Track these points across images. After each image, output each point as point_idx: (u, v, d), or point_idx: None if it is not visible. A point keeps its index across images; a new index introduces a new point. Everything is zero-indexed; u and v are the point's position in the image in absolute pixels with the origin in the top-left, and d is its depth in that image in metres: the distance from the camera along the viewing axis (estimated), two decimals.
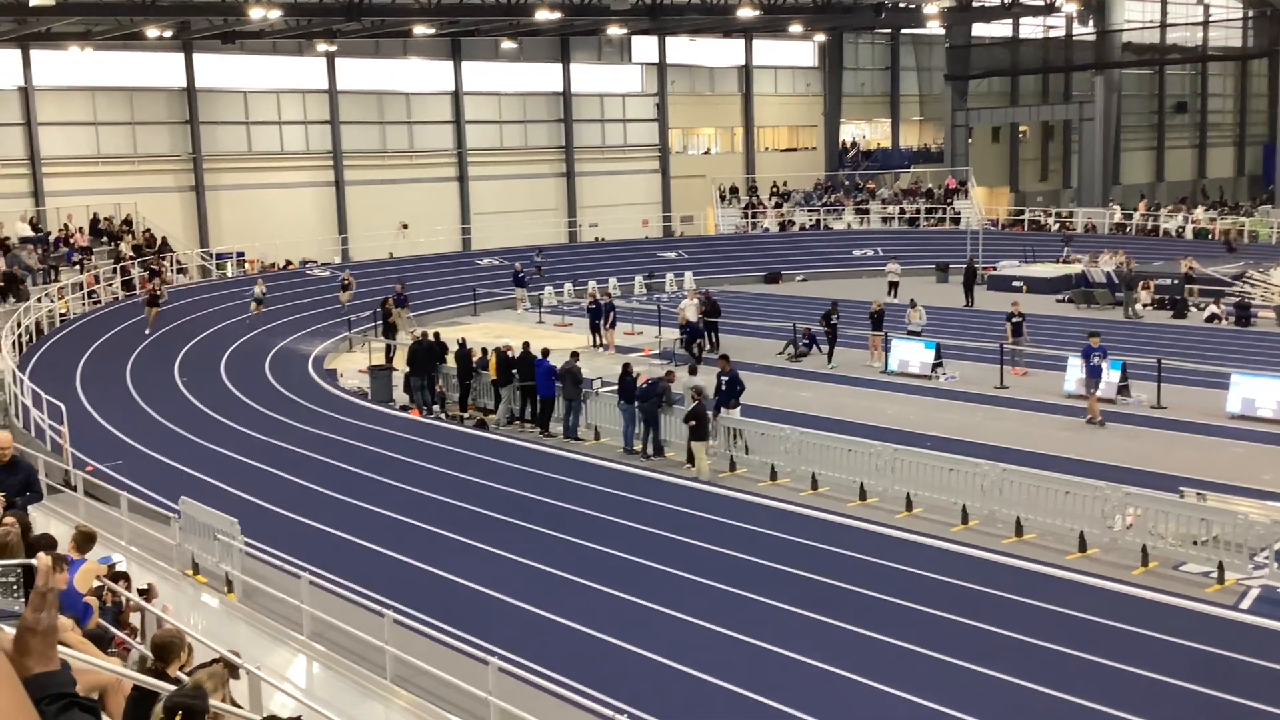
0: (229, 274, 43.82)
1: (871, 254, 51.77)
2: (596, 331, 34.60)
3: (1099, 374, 24.15)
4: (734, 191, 59.63)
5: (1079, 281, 42.82)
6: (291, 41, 46.94)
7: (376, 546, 16.96)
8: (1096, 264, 43.88)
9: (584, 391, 24.50)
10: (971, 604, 14.24)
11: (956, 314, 38.51)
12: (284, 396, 27.79)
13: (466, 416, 26.54)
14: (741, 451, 21.58)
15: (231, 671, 9.25)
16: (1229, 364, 27.49)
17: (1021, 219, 59.49)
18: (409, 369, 27.55)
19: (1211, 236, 52.97)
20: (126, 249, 41.04)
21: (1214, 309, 37.14)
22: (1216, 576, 15.26)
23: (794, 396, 27.32)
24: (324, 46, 47.06)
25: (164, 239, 43.15)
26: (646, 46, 57.72)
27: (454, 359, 27.61)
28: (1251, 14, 76.13)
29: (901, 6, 57.14)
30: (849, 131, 67.16)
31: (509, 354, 25.92)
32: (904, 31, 66.33)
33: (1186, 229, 54.11)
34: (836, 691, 12.20)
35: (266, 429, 24.46)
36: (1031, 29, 69.55)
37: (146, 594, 11.73)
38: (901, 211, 58.44)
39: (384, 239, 49.57)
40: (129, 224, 43.17)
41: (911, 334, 31.60)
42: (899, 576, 15.25)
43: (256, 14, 37.35)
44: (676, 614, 14.13)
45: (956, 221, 56.52)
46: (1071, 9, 59.47)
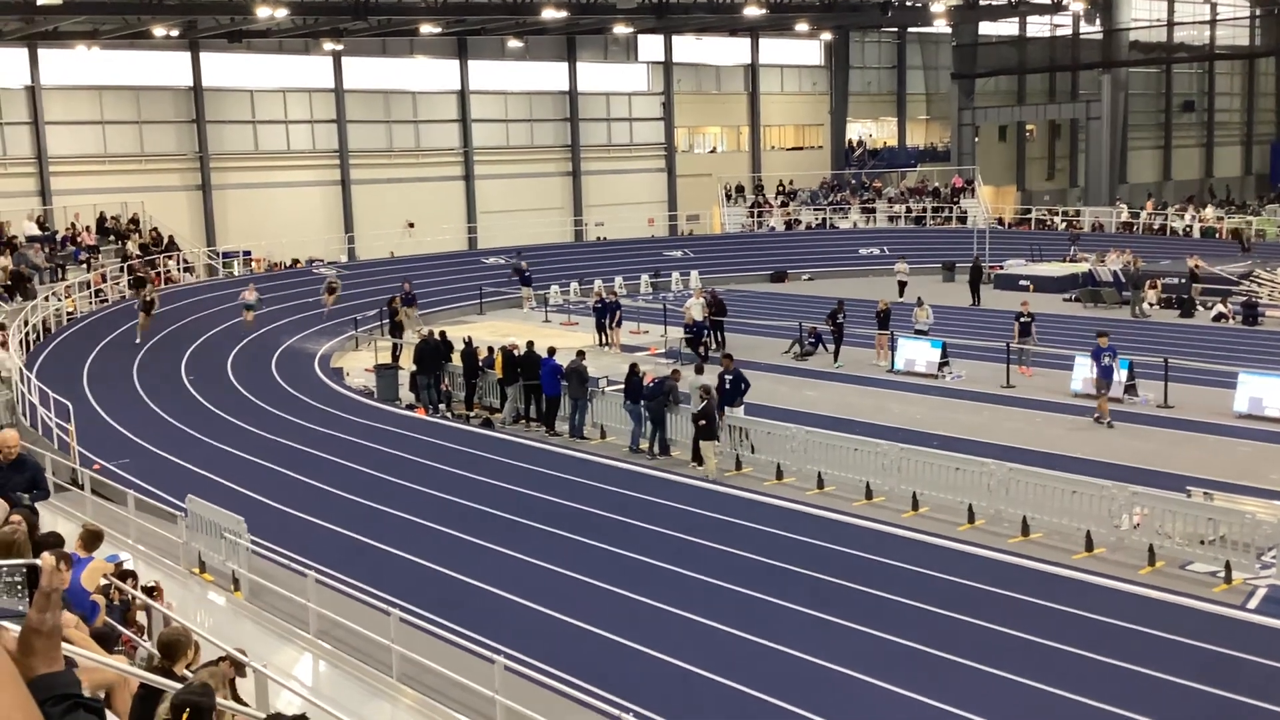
0: (235, 273, 43.86)
1: (878, 253, 51.71)
2: (602, 330, 34.60)
3: (1110, 374, 24.01)
4: (740, 190, 59.59)
5: (1086, 280, 42.75)
6: (298, 40, 47.00)
7: (383, 545, 16.98)
8: (1103, 263, 43.81)
9: (590, 390, 24.51)
10: (977, 603, 14.23)
11: (963, 313, 38.46)
12: (290, 395, 27.82)
13: (472, 415, 26.55)
14: (747, 450, 21.56)
15: (238, 669, 9.27)
16: (1236, 363, 27.43)
17: (1028, 218, 59.40)
18: (416, 368, 27.57)
19: (1219, 235, 52.85)
20: (133, 248, 41.09)
21: (1221, 308, 37.06)
22: (1223, 576, 15.22)
23: (800, 395, 27.30)
24: (330, 45, 47.12)
25: (170, 237, 43.20)
26: (652, 45, 57.69)
27: (460, 358, 27.62)
28: (1259, 13, 75.96)
29: (908, 5, 57.03)
30: (855, 130, 67.08)
31: (515, 353, 25.93)
32: (910, 30, 66.24)
33: (1194, 228, 54.00)
34: (841, 690, 12.19)
35: (273, 427, 24.49)
36: (1038, 28, 69.45)
37: (153, 593, 11.75)
38: (908, 210, 58.37)
39: (387, 238, 49.59)
40: (136, 223, 43.23)
41: (919, 333, 31.57)
42: (905, 576, 15.24)
43: (263, 13, 37.39)
44: (682, 613, 14.13)
45: (963, 220, 56.45)
46: (1078, 8, 59.35)
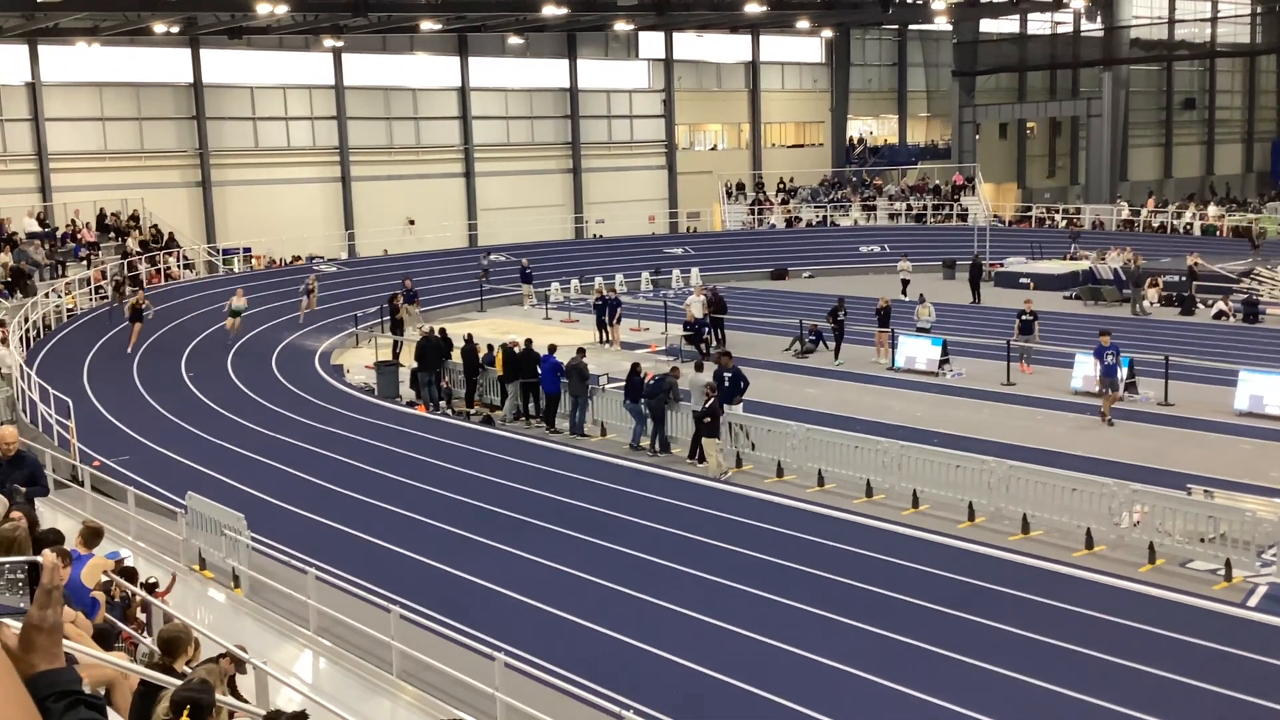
0: (236, 269, 43.86)
1: (878, 250, 51.71)
2: (603, 328, 34.59)
3: (1114, 373, 23.92)
4: (740, 188, 59.57)
5: (1086, 278, 42.75)
6: (298, 37, 46.98)
7: (383, 542, 16.98)
8: (1104, 261, 43.81)
9: (590, 388, 24.51)
10: (977, 601, 14.23)
11: (963, 311, 38.45)
12: (290, 392, 27.83)
13: (473, 412, 26.55)
14: (747, 448, 21.54)
15: (238, 666, 9.28)
16: (1237, 361, 27.42)
17: (1029, 215, 59.39)
18: (417, 365, 27.56)
19: (1220, 233, 52.84)
20: (133, 244, 41.08)
21: (1222, 306, 37.05)
22: (1224, 574, 15.23)
23: (800, 393, 27.30)
24: (331, 42, 47.10)
25: (170, 234, 43.20)
26: (653, 42, 57.66)
27: (460, 355, 27.62)
28: (1260, 10, 75.92)
29: (909, 2, 57.02)
30: (856, 128, 67.05)
31: (515, 350, 25.93)
32: (911, 27, 66.21)
33: (1195, 226, 53.98)
34: (841, 687, 12.19)
35: (273, 424, 24.49)
36: (1039, 25, 69.41)
37: (154, 589, 11.76)
38: (908, 208, 58.35)
39: (385, 236, 49.56)
40: (136, 219, 43.23)
41: (921, 331, 31.57)
42: (905, 573, 15.23)
43: (264, 9, 37.36)
44: (682, 610, 14.13)
45: (964, 218, 56.44)
46: (1079, 5, 59.25)
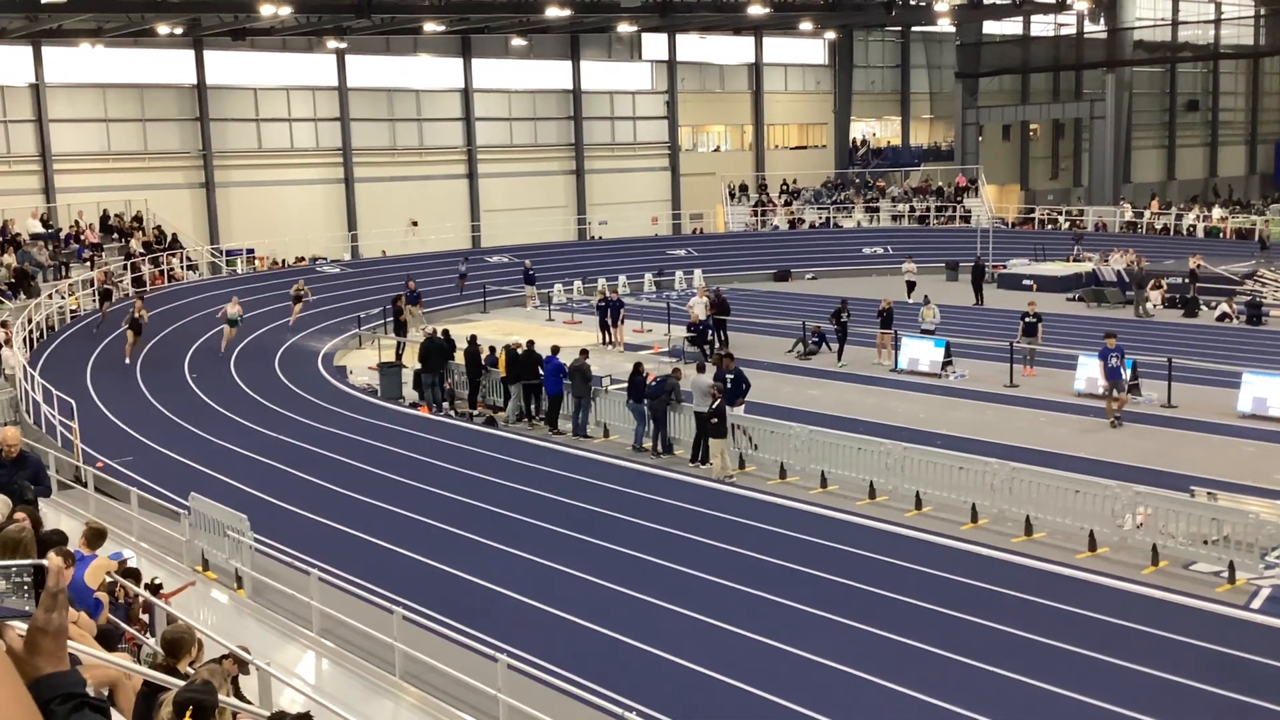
0: (239, 271, 43.89)
1: (881, 252, 51.70)
2: (606, 329, 34.58)
3: (1119, 375, 23.85)
4: (744, 189, 59.58)
5: (1089, 280, 42.71)
6: (302, 38, 47.02)
7: (386, 543, 16.99)
8: (1107, 262, 43.78)
9: (593, 389, 24.51)
10: (980, 603, 14.22)
11: (966, 312, 38.44)
12: (294, 393, 27.84)
13: (476, 414, 26.56)
14: (749, 449, 21.52)
15: (241, 667, 9.28)
16: (1240, 363, 27.39)
17: (1032, 217, 59.37)
18: (420, 366, 27.58)
19: (1223, 235, 52.79)
20: (137, 245, 41.13)
21: (1225, 308, 37.01)
22: (1227, 576, 15.20)
23: (803, 394, 27.29)
24: (334, 43, 47.16)
25: (174, 235, 43.24)
26: (656, 44, 57.69)
27: (463, 356, 27.63)
28: (1263, 12, 75.87)
29: (912, 4, 57.02)
30: (859, 129, 67.07)
31: (518, 351, 25.94)
32: (914, 29, 66.22)
33: (1198, 228, 53.94)
34: (845, 689, 12.18)
35: (276, 425, 24.51)
36: (1042, 27, 69.42)
37: (157, 589, 11.76)
38: (911, 210, 58.34)
39: (385, 237, 49.57)
40: (139, 220, 43.27)
41: (925, 332, 31.55)
42: (908, 575, 15.23)
43: (267, 10, 37.40)
44: (685, 611, 14.13)
45: (967, 220, 56.41)
46: (1083, 7, 59.32)
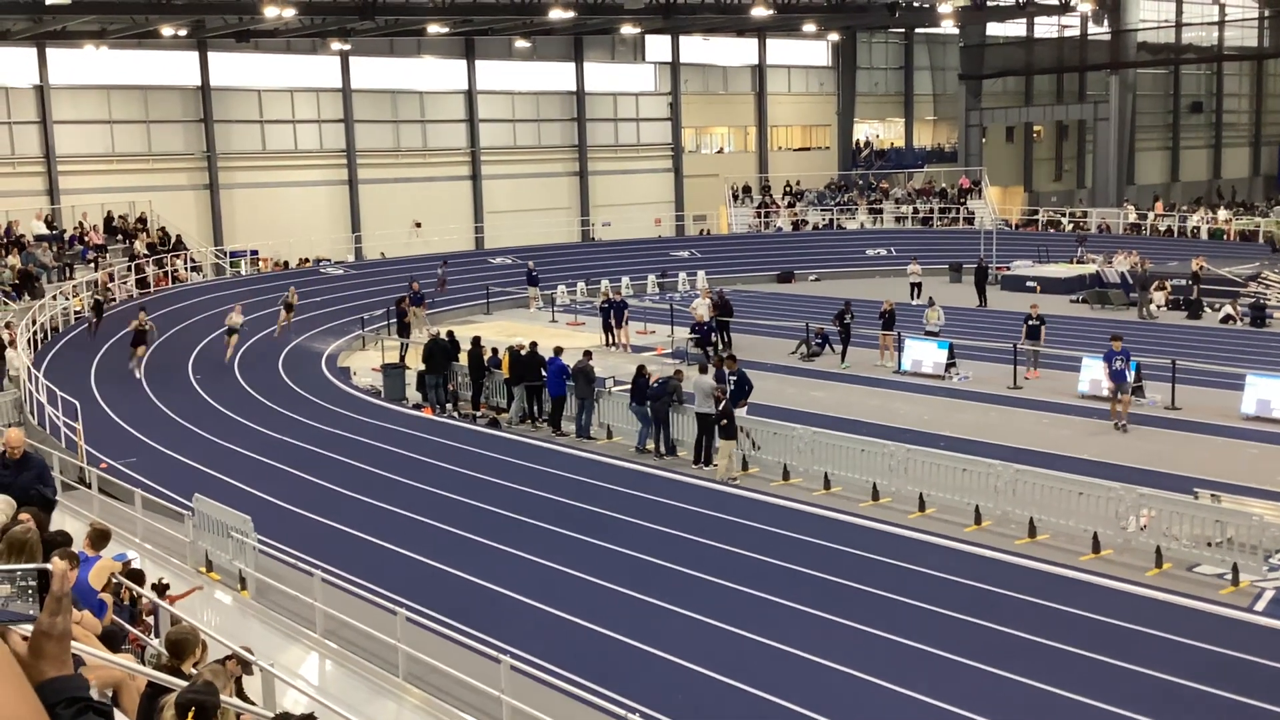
0: (243, 272, 43.94)
1: (885, 254, 51.69)
2: (609, 330, 34.58)
3: (1123, 378, 23.77)
4: (747, 191, 59.58)
5: (1093, 282, 42.69)
6: (306, 40, 47.06)
7: (389, 544, 17.00)
8: (1111, 264, 43.75)
9: (596, 390, 24.51)
10: (984, 605, 14.21)
11: (970, 314, 38.42)
12: (297, 394, 27.87)
13: (479, 415, 26.57)
14: (751, 450, 21.50)
15: (244, 668, 9.29)
16: (1244, 365, 27.36)
17: (1036, 219, 59.33)
18: (424, 367, 27.59)
19: (1227, 237, 52.74)
20: (141, 247, 41.18)
21: (1229, 309, 36.97)
22: (1230, 578, 15.19)
23: (807, 396, 27.29)
24: (338, 45, 47.20)
25: (178, 237, 43.30)
26: (660, 45, 57.70)
27: (466, 358, 27.65)
28: (1268, 14, 75.79)
29: (915, 6, 57.03)
30: (862, 131, 67.05)
31: (522, 353, 25.95)
32: (918, 31, 66.20)
33: (1202, 229, 53.89)
34: (848, 691, 12.18)
35: (280, 426, 24.53)
36: (1046, 28, 69.37)
37: (163, 591, 11.78)
38: (915, 211, 58.31)
39: (391, 239, 49.61)
40: (143, 222, 43.31)
41: (929, 334, 31.53)
42: (911, 577, 15.22)
43: (271, 13, 37.43)
44: (689, 613, 14.13)
45: (970, 221, 56.36)
46: (1086, 8, 59.28)
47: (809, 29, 57.18)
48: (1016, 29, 68.53)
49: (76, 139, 43.40)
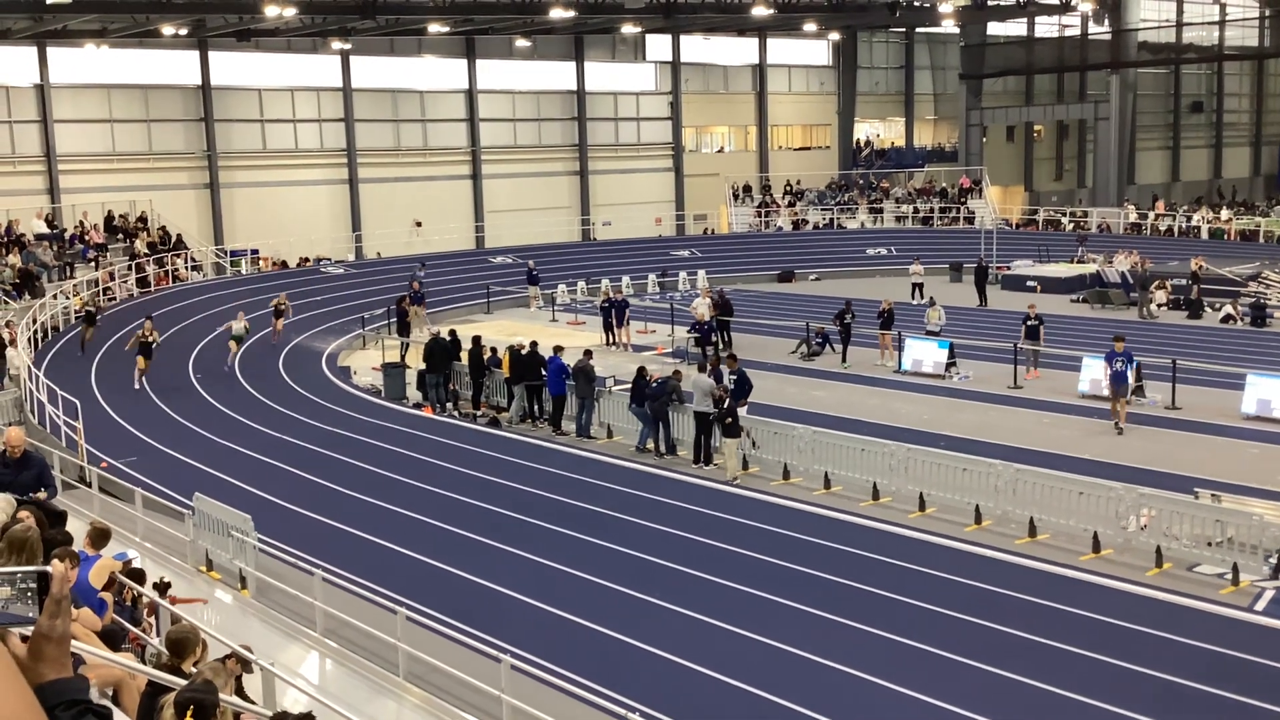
0: (243, 271, 43.94)
1: (885, 253, 51.68)
2: (609, 330, 34.57)
3: (1123, 379, 23.70)
4: (747, 190, 59.57)
5: (1093, 281, 42.67)
6: (306, 39, 47.05)
7: (389, 544, 17.00)
8: (1111, 264, 43.74)
9: (596, 390, 24.51)
10: (984, 604, 14.22)
11: (970, 314, 38.42)
12: (298, 393, 27.87)
13: (479, 414, 26.57)
14: (750, 449, 21.49)
15: (244, 667, 9.29)
16: (1244, 365, 27.36)
17: (1036, 218, 59.31)
18: (425, 366, 27.59)
19: (1228, 237, 52.73)
20: (141, 246, 41.18)
21: (1229, 309, 36.97)
22: (1231, 578, 15.19)
23: (807, 395, 27.28)
24: (339, 44, 47.19)
25: (178, 236, 43.29)
26: (660, 45, 57.68)
27: (467, 357, 27.64)
28: (1268, 13, 75.74)
29: (916, 5, 57.00)
30: (863, 130, 67.02)
31: (522, 352, 25.94)
32: (919, 30, 66.18)
33: (1202, 229, 53.87)
34: (848, 690, 12.19)
35: (280, 426, 24.53)
36: (1047, 28, 69.33)
37: (165, 589, 11.78)
38: (915, 211, 58.30)
39: (391, 238, 49.58)
40: (144, 221, 43.31)
41: (930, 334, 31.53)
42: (911, 576, 15.23)
43: (272, 12, 37.43)
44: (688, 612, 14.13)
45: (971, 221, 56.35)
46: (1087, 8, 59.26)
47: (809, 28, 57.19)
48: (1017, 28, 68.49)
49: (77, 138, 43.39)
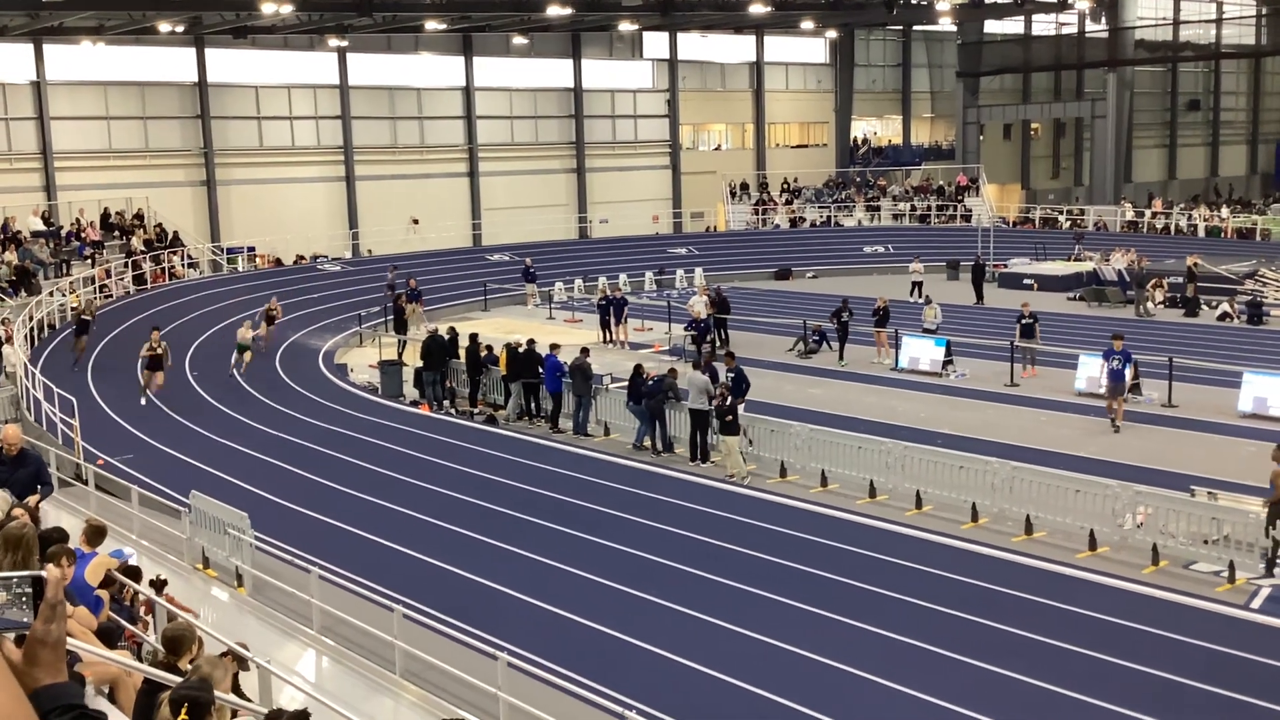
0: (240, 268, 43.91)
1: (882, 251, 51.69)
2: (606, 328, 34.56)
3: (1119, 377, 23.66)
4: (744, 188, 59.57)
5: (1090, 279, 42.69)
6: (303, 36, 47.01)
7: (386, 541, 17.00)
8: (1108, 262, 43.77)
9: (593, 388, 24.51)
10: (981, 602, 14.23)
11: (967, 312, 38.43)
12: (294, 391, 27.85)
13: (476, 412, 26.57)
14: (747, 447, 21.48)
15: (241, 665, 9.28)
16: (1240, 363, 27.39)
17: (1032, 217, 59.33)
18: (422, 364, 27.58)
19: (1224, 234, 52.76)
20: (138, 243, 41.13)
21: (1226, 307, 37.00)
22: (1227, 576, 15.21)
23: (804, 393, 27.29)
24: (335, 42, 47.13)
25: (175, 233, 43.24)
26: (658, 42, 57.65)
27: (464, 354, 27.62)
28: (1265, 11, 75.79)
29: (913, 3, 56.98)
30: (860, 128, 67.03)
31: (520, 350, 25.94)
32: (916, 28, 66.16)
33: (1199, 227, 53.90)
34: (844, 687, 12.19)
35: (277, 423, 24.51)
36: (1044, 26, 69.36)
37: (162, 587, 11.76)
38: (912, 209, 58.31)
39: (388, 235, 49.53)
40: (140, 218, 43.25)
41: (927, 331, 31.54)
42: (908, 574, 15.24)
43: (269, 9, 37.38)
44: (685, 610, 14.13)
45: (967, 219, 56.37)
46: (1084, 6, 59.28)
47: (807, 26, 57.17)
48: (1014, 26, 68.52)
49: (73, 135, 43.33)
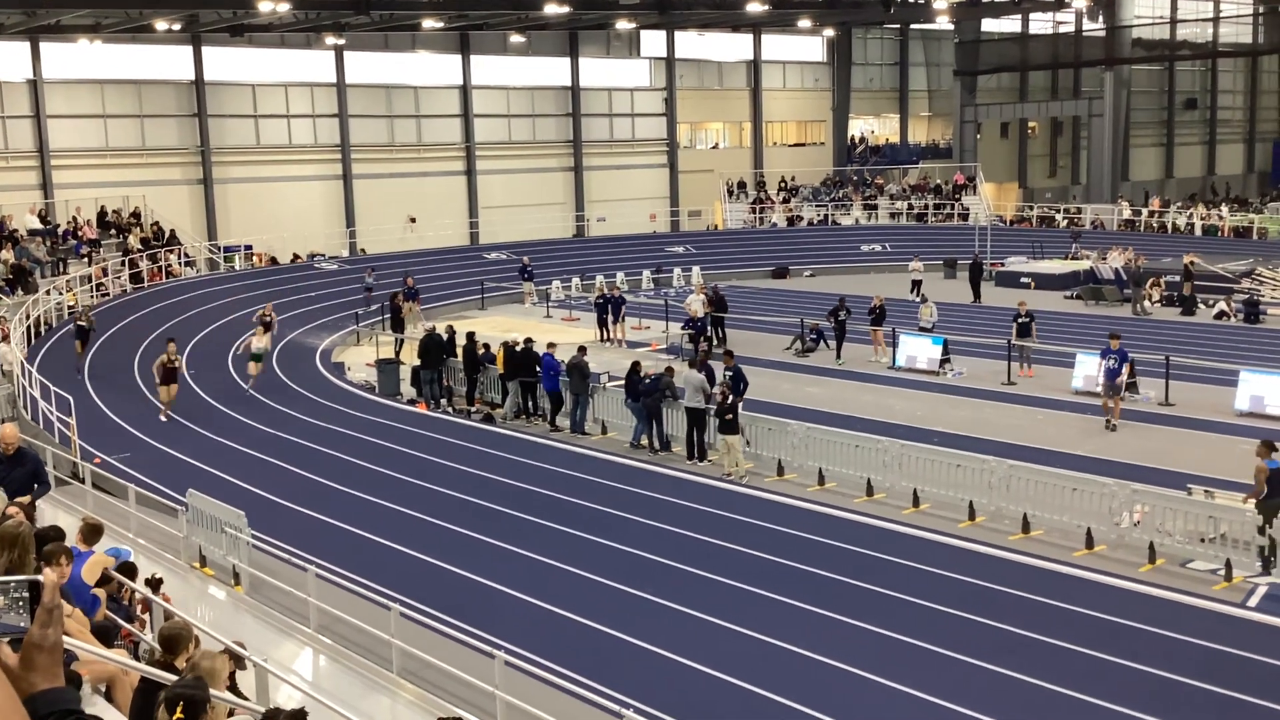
0: (237, 267, 43.88)
1: (880, 249, 51.71)
2: (604, 326, 34.56)
3: (1114, 376, 23.61)
4: (742, 186, 59.58)
5: (1087, 278, 42.71)
6: (300, 35, 46.99)
7: (383, 540, 16.99)
8: (1105, 260, 43.79)
9: (591, 386, 24.50)
10: (978, 600, 14.23)
11: (964, 310, 38.45)
12: (292, 389, 27.83)
13: (474, 410, 26.56)
14: (744, 446, 21.47)
15: (238, 663, 9.27)
16: (1238, 361, 27.41)
17: (1030, 215, 59.36)
18: (420, 362, 27.57)
19: (1221, 233, 52.80)
20: (134, 242, 41.09)
21: (1223, 306, 37.02)
22: (1224, 574, 15.23)
23: (801, 392, 27.29)
24: (332, 40, 47.11)
25: (172, 231, 43.21)
26: (655, 41, 57.65)
27: (461, 353, 27.61)
28: (1262, 10, 75.83)
29: (911, 1, 56.98)
30: (857, 127, 67.04)
31: (516, 349, 25.94)
32: (913, 27, 66.19)
33: (1196, 225, 53.94)
34: (841, 686, 12.19)
35: (274, 422, 24.50)
36: (1041, 24, 69.39)
37: (157, 586, 11.75)
38: (910, 207, 58.34)
39: (385, 234, 49.51)
40: (137, 216, 43.23)
41: (923, 330, 31.55)
42: (905, 572, 15.24)
43: (265, 7, 37.37)
44: (681, 608, 14.13)
45: (965, 218, 56.40)
46: (1081, 4, 59.18)
47: (804, 24, 57.19)
48: (1011, 25, 68.54)
49: (70, 133, 43.30)
